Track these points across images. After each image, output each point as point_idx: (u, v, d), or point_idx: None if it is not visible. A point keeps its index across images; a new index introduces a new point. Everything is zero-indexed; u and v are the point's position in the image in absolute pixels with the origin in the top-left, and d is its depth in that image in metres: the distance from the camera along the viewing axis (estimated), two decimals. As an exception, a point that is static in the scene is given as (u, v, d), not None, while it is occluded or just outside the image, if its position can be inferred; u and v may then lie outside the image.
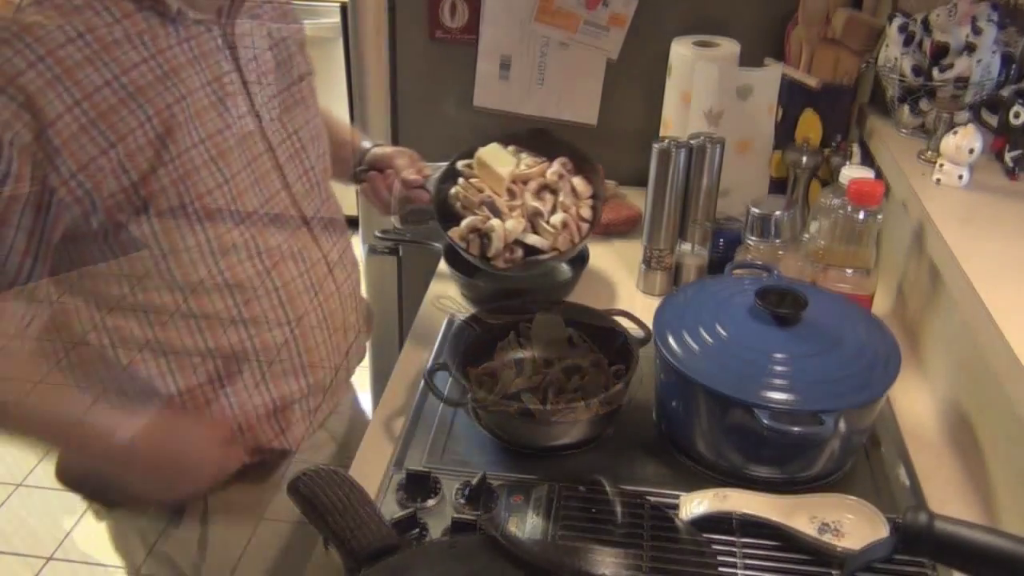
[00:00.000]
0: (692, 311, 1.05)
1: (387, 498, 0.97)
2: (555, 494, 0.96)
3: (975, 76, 1.36)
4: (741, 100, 1.48)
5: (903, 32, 1.41)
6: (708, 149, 1.32)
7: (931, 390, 1.20)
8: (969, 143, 1.24)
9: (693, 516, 0.93)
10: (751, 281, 1.12)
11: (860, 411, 0.97)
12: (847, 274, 1.24)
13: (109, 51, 0.85)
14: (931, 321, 1.24)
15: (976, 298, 0.98)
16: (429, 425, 1.10)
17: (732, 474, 1.00)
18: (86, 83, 0.83)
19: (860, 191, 1.20)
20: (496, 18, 1.69)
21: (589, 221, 1.22)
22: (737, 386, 0.94)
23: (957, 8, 1.34)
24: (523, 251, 1.17)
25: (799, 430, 0.91)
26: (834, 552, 0.90)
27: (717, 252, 1.41)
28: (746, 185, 1.53)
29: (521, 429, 1.03)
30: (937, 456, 1.09)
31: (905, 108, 1.46)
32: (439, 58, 1.75)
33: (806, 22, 1.54)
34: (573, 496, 0.96)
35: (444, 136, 1.81)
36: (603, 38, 1.68)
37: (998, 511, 0.98)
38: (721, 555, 0.89)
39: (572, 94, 1.74)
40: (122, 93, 0.85)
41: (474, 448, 1.06)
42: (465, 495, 0.96)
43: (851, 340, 1.00)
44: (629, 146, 1.72)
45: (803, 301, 1.01)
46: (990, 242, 1.12)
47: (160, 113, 0.88)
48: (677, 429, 1.05)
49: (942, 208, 1.20)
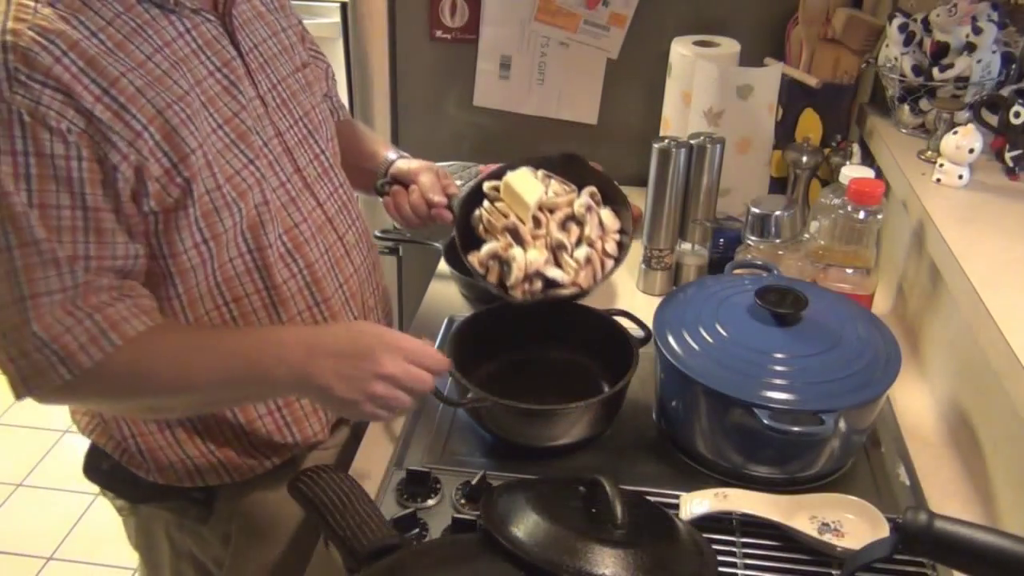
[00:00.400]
0: (692, 310, 1.05)
1: (387, 497, 0.97)
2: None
3: (975, 75, 1.36)
4: (741, 99, 1.48)
5: (903, 31, 1.40)
6: (708, 149, 1.32)
7: (931, 390, 1.20)
8: (969, 143, 1.24)
9: (693, 516, 0.93)
10: (751, 280, 1.12)
11: (860, 411, 0.97)
12: (847, 273, 1.24)
13: (122, 47, 0.86)
14: (931, 321, 1.24)
15: (976, 298, 0.98)
16: (429, 425, 1.10)
17: (732, 474, 1.00)
18: (109, 73, 0.84)
19: (860, 190, 1.20)
20: (496, 18, 1.69)
21: (614, 258, 1.16)
22: (737, 386, 0.94)
23: (957, 7, 1.34)
24: (543, 283, 1.11)
25: (799, 430, 0.91)
26: (834, 552, 0.90)
27: (717, 251, 1.41)
28: (746, 184, 1.53)
29: (520, 429, 1.03)
30: (937, 456, 1.09)
31: (905, 107, 1.46)
32: (439, 58, 1.75)
33: (806, 21, 1.54)
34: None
35: (444, 135, 1.81)
36: (603, 38, 1.68)
37: (998, 511, 0.98)
38: (721, 555, 0.89)
39: (572, 94, 1.74)
40: (140, 83, 0.86)
41: (474, 448, 1.06)
42: (465, 495, 0.96)
43: (851, 340, 1.00)
44: (629, 146, 1.72)
45: (803, 300, 1.01)
46: (990, 242, 1.12)
47: (176, 103, 0.89)
48: (677, 429, 1.05)
49: (942, 208, 1.20)
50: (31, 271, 0.84)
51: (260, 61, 1.01)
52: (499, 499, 0.79)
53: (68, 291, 0.85)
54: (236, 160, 0.95)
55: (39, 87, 0.80)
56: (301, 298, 1.03)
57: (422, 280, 1.47)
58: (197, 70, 0.93)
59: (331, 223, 1.08)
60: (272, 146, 1.01)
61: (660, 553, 0.75)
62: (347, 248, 1.10)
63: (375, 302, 1.18)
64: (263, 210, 0.98)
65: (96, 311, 0.87)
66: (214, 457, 1.04)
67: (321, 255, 1.05)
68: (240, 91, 0.97)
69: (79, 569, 2.24)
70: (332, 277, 1.07)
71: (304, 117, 1.07)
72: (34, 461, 2.58)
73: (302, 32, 1.17)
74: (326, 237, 1.06)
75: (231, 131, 0.95)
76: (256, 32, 1.02)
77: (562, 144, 1.73)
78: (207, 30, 0.95)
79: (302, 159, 1.05)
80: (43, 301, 0.84)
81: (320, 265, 1.04)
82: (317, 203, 1.06)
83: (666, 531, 0.81)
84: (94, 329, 0.86)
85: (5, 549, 2.29)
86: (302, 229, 1.02)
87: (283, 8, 1.11)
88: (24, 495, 2.46)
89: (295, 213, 1.02)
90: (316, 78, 1.15)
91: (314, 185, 1.06)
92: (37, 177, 0.82)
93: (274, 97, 1.02)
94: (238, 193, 0.95)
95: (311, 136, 1.07)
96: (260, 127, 0.99)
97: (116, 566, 2.22)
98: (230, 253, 0.96)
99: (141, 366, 0.89)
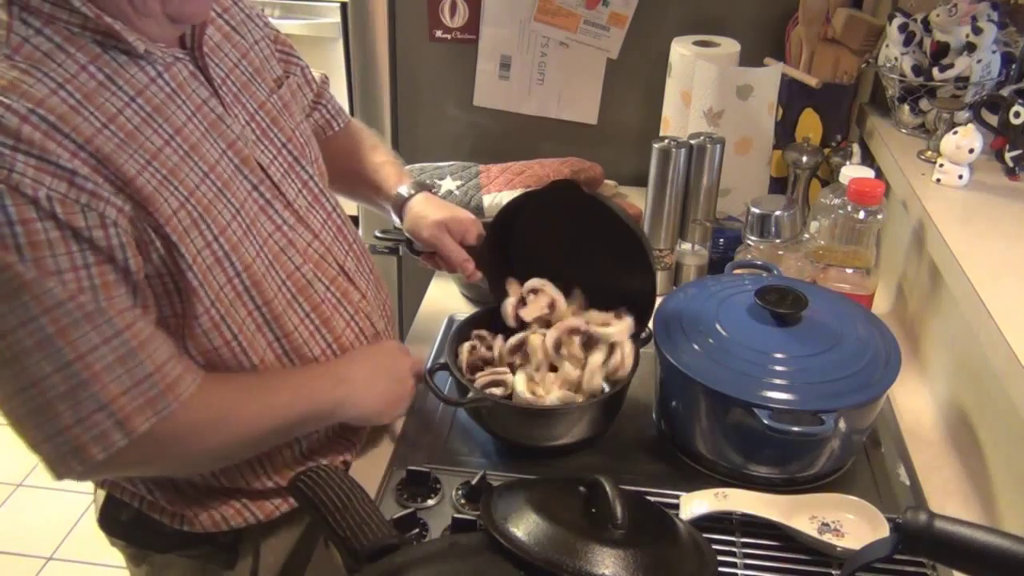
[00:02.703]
0: (692, 310, 1.05)
1: (387, 497, 0.97)
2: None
3: (975, 75, 1.36)
4: (741, 99, 1.48)
5: (903, 31, 1.41)
6: (708, 149, 1.32)
7: (931, 390, 1.20)
8: (969, 143, 1.24)
9: (693, 516, 0.93)
10: (751, 280, 1.12)
11: (860, 410, 0.97)
12: (847, 273, 1.24)
13: (90, 99, 0.80)
14: (931, 321, 1.24)
15: (976, 298, 0.98)
16: (429, 425, 1.10)
17: (732, 474, 1.00)
18: (83, 129, 0.78)
19: (860, 190, 1.20)
20: (496, 18, 1.69)
21: None
22: (737, 385, 0.94)
23: (957, 7, 1.34)
24: None
25: (800, 430, 0.91)
26: (834, 552, 0.90)
27: (717, 251, 1.41)
28: (746, 184, 1.53)
29: (521, 429, 1.03)
30: (937, 456, 1.09)
31: (905, 107, 1.46)
32: (439, 58, 1.75)
33: (806, 22, 1.54)
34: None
35: (444, 136, 1.81)
36: (603, 37, 1.68)
37: (998, 511, 0.98)
38: (721, 555, 0.89)
39: (572, 93, 1.74)
40: (115, 140, 0.80)
41: (474, 448, 1.06)
42: (465, 495, 0.96)
43: (851, 339, 1.00)
44: (629, 146, 1.72)
45: (803, 300, 1.01)
46: (990, 242, 1.12)
47: (156, 157, 0.83)
48: (677, 429, 1.05)
49: (942, 208, 1.20)
50: (67, 333, 0.77)
51: (234, 92, 0.95)
52: (499, 499, 0.79)
53: (111, 342, 0.80)
54: (226, 211, 0.89)
55: (9, 152, 0.74)
56: (315, 343, 0.99)
57: (422, 280, 1.47)
58: (175, 117, 0.86)
59: (330, 253, 1.02)
60: (262, 190, 0.95)
61: (660, 553, 0.75)
62: (350, 276, 1.05)
63: (385, 324, 1.12)
64: (260, 262, 0.93)
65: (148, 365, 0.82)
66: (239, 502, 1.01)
67: (325, 293, 1.01)
68: (217, 137, 0.91)
69: (79, 569, 2.24)
70: (340, 313, 1.02)
71: (288, 143, 1.01)
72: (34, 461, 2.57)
73: (274, 35, 1.10)
74: (326, 272, 1.01)
75: (216, 180, 0.89)
76: (225, 59, 0.96)
77: (563, 144, 1.73)
78: (179, 71, 0.89)
79: (291, 191, 0.99)
80: (91, 359, 0.79)
81: (326, 306, 1.00)
82: (313, 235, 1.01)
83: (666, 531, 0.81)
84: (151, 391, 0.82)
85: (5, 549, 2.29)
86: (304, 271, 0.98)
87: (249, 19, 1.04)
88: (24, 495, 2.46)
89: (295, 256, 0.97)
90: (294, 93, 1.09)
91: (307, 217, 1.01)
92: (29, 245, 0.75)
93: (253, 129, 0.96)
94: (231, 247, 0.89)
95: (296, 163, 1.01)
96: (248, 169, 0.94)
97: (116, 566, 2.22)
98: (240, 314, 0.92)
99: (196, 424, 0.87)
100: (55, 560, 2.26)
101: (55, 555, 2.27)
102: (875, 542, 0.78)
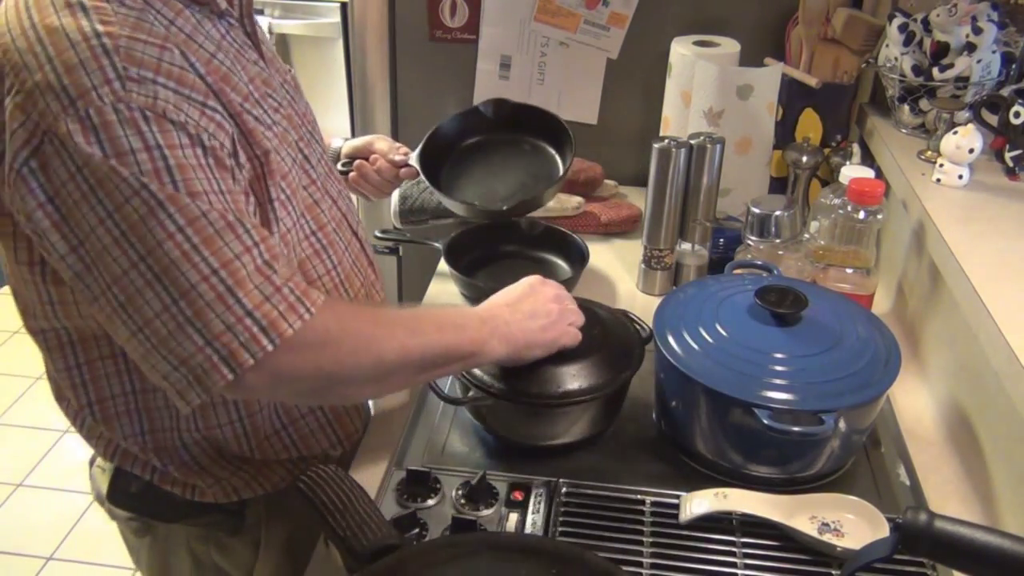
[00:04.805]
0: (692, 310, 1.05)
1: (387, 497, 0.97)
2: (555, 493, 0.96)
3: (975, 75, 1.36)
4: (741, 99, 1.48)
5: (903, 31, 1.41)
6: (708, 148, 1.32)
7: (931, 390, 1.20)
8: (969, 142, 1.24)
9: (693, 516, 0.93)
10: (751, 280, 1.12)
11: (860, 410, 0.97)
12: (847, 273, 1.24)
13: (195, 39, 0.86)
14: (931, 321, 1.24)
15: (976, 298, 0.99)
16: (429, 424, 1.10)
17: (732, 474, 1.00)
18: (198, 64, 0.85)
19: (860, 190, 1.20)
20: (496, 18, 1.69)
21: None
22: (737, 385, 0.94)
23: (957, 7, 1.34)
24: None
25: (800, 430, 0.91)
26: (834, 552, 0.90)
27: (717, 251, 1.41)
28: (746, 184, 1.53)
29: (521, 427, 1.03)
30: (937, 456, 1.09)
31: (905, 107, 1.46)
32: (439, 58, 1.75)
33: (806, 21, 1.54)
34: (573, 495, 0.97)
35: (444, 136, 1.81)
36: (603, 37, 1.68)
37: (998, 511, 0.98)
38: (721, 555, 0.89)
39: (572, 93, 1.74)
40: (219, 76, 0.87)
41: (474, 447, 1.06)
42: (465, 495, 0.96)
43: (851, 339, 1.00)
44: (629, 145, 1.73)
45: (803, 300, 1.01)
46: (990, 242, 1.12)
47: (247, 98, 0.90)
48: (677, 429, 1.05)
49: (942, 208, 1.20)
50: (212, 242, 0.79)
51: (270, 59, 1.02)
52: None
53: (252, 251, 0.82)
54: (288, 158, 0.97)
55: (151, 83, 0.79)
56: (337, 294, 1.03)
57: (422, 280, 1.47)
58: (245, 71, 0.93)
59: (345, 220, 1.09)
60: (300, 146, 1.02)
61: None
62: (363, 245, 1.12)
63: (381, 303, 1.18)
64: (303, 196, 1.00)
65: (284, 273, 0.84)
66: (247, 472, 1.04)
67: (344, 252, 1.06)
68: (273, 95, 0.97)
69: (79, 569, 2.24)
70: (356, 274, 1.08)
71: (303, 116, 1.07)
72: (34, 461, 2.58)
73: None
74: (344, 234, 1.07)
75: (278, 133, 0.95)
76: (260, 32, 1.03)
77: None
78: (238, 34, 0.95)
79: (312, 158, 1.05)
80: (236, 266, 0.80)
81: (346, 264, 1.06)
82: (332, 201, 1.07)
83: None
84: (290, 296, 0.83)
85: (5, 549, 2.29)
86: (328, 230, 1.04)
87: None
88: (24, 495, 2.46)
89: (321, 213, 1.03)
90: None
91: (326, 183, 1.07)
92: (178, 167, 0.79)
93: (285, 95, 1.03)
94: (291, 191, 0.96)
95: (312, 135, 1.08)
96: (291, 127, 1.00)
97: (116, 566, 2.23)
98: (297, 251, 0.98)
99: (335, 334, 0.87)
100: (55, 560, 2.26)
101: (55, 555, 2.28)
102: (875, 542, 0.78)
